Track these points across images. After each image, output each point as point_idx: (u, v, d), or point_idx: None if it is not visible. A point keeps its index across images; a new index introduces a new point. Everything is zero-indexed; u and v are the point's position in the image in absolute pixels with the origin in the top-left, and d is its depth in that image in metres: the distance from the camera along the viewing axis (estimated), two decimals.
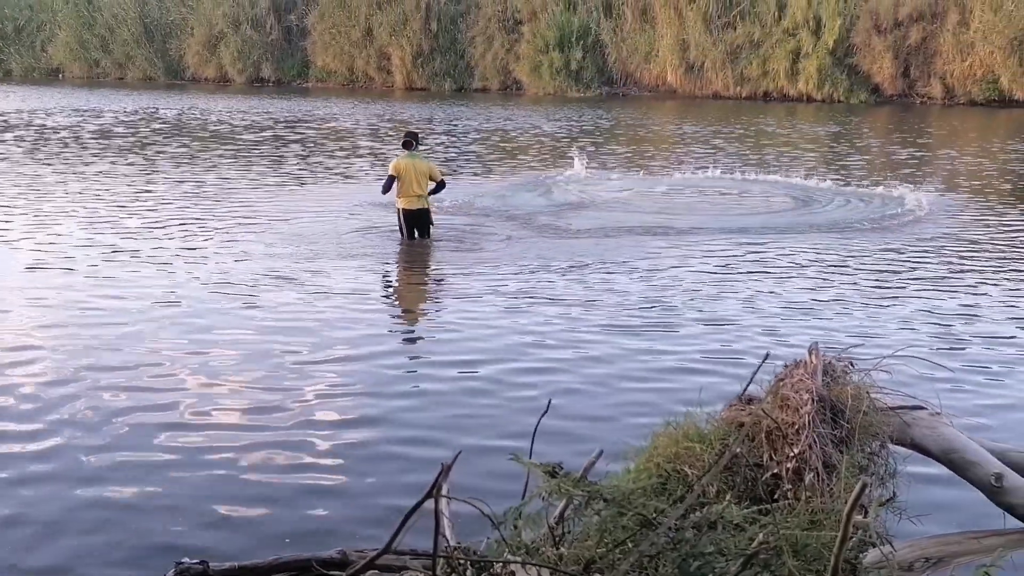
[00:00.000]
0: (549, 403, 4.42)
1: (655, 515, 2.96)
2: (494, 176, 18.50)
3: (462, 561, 2.98)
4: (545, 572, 3.01)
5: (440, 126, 28.82)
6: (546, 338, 7.85)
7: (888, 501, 3.70)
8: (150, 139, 24.80)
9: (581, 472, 3.58)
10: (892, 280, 10.06)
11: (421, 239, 11.84)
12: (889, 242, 12.10)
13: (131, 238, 11.92)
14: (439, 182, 11.92)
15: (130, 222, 13.05)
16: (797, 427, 3.70)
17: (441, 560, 2.97)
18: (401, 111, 35.14)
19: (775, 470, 3.65)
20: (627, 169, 19.65)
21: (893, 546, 3.26)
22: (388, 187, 11.69)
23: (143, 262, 10.60)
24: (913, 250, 11.63)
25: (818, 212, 14.50)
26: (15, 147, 22.53)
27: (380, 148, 22.87)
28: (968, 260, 11.15)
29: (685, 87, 43.03)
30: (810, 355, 4.10)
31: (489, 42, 46.95)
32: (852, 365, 4.19)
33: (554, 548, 3.08)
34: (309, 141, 24.78)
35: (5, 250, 11.35)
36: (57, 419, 6.10)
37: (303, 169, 19.25)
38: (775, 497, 3.57)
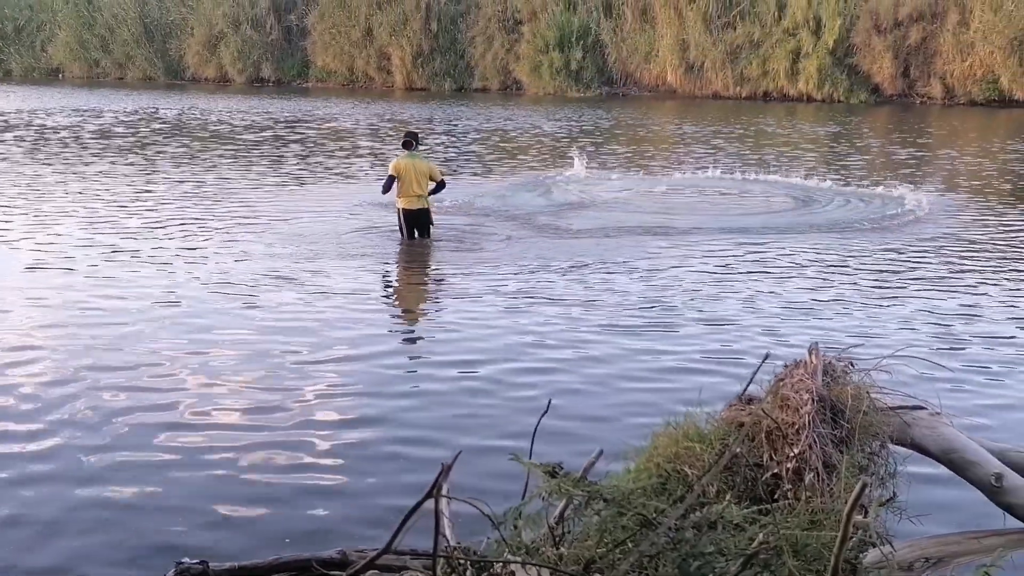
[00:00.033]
0: (549, 403, 4.42)
1: (655, 515, 2.96)
2: (494, 176, 18.50)
3: (462, 561, 2.99)
4: (545, 572, 3.01)
5: (440, 126, 28.82)
6: (546, 338, 7.86)
7: (888, 501, 3.70)
8: (150, 139, 24.80)
9: (581, 472, 3.58)
10: (892, 280, 10.07)
11: (421, 239, 11.85)
12: (889, 242, 12.10)
13: (131, 238, 11.93)
14: (439, 182, 11.93)
15: (130, 222, 13.06)
16: (797, 427, 3.71)
17: (441, 560, 2.97)
18: (401, 111, 35.14)
19: (775, 470, 3.65)
20: (627, 169, 19.65)
21: (893, 546, 3.27)
22: (388, 187, 11.70)
23: (143, 262, 10.60)
24: (913, 250, 11.63)
25: (818, 212, 14.50)
26: (15, 147, 22.53)
27: (380, 148, 22.87)
28: (968, 260, 11.15)
29: (685, 87, 43.04)
30: (810, 355, 4.10)
31: (489, 42, 46.97)
32: (852, 365, 4.19)
33: (554, 548, 3.08)
34: (309, 141, 24.78)
35: (5, 250, 11.36)
36: (57, 419, 6.10)
37: (303, 169, 19.25)
38: (775, 497, 3.57)
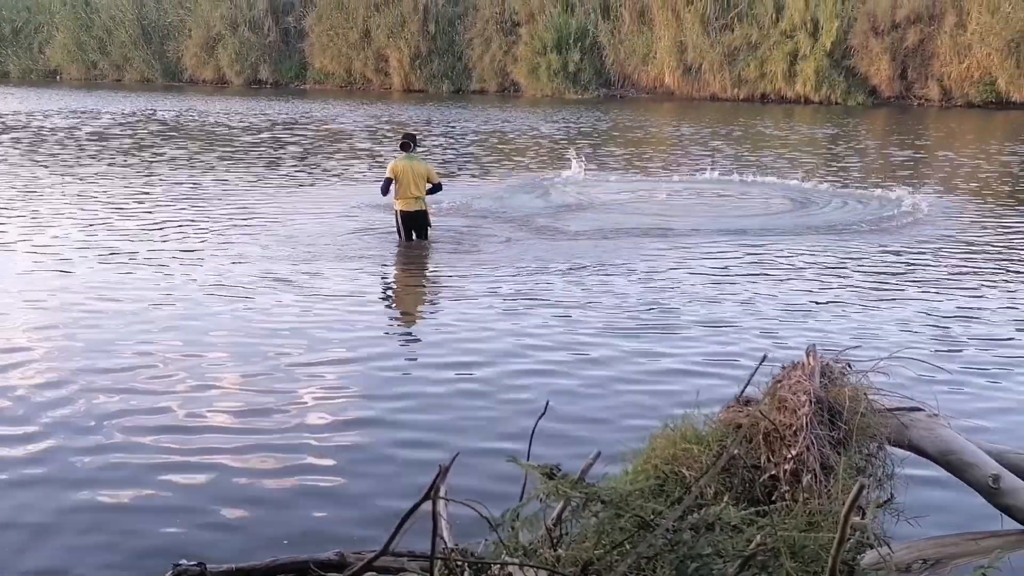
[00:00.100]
0: (547, 405, 4.41)
1: (653, 517, 2.96)
2: (492, 178, 18.50)
3: (460, 563, 2.98)
4: (543, 574, 3.01)
5: (438, 128, 28.82)
6: (544, 340, 7.85)
7: (886, 502, 3.70)
8: (147, 141, 24.79)
9: (579, 474, 3.58)
10: (890, 282, 10.07)
11: (419, 240, 11.85)
12: (887, 244, 12.11)
13: (128, 240, 11.91)
14: (436, 184, 11.94)
15: (127, 224, 13.04)
16: (795, 429, 3.71)
17: (439, 562, 2.97)
18: (399, 113, 35.14)
19: (773, 471, 3.65)
20: (625, 171, 19.66)
21: (891, 547, 3.26)
22: (386, 189, 11.69)
23: (140, 264, 10.58)
24: (911, 252, 11.64)
25: (816, 214, 14.49)
26: (12, 149, 22.51)
27: (378, 150, 22.87)
28: (966, 262, 11.16)
29: (683, 89, 43.06)
30: (808, 357, 4.10)
31: (487, 44, 46.98)
32: (850, 367, 4.19)
33: (552, 550, 3.07)
34: (307, 143, 24.78)
35: (1, 252, 11.34)
36: (52, 421, 6.08)
37: (300, 171, 19.25)
38: (773, 498, 3.57)
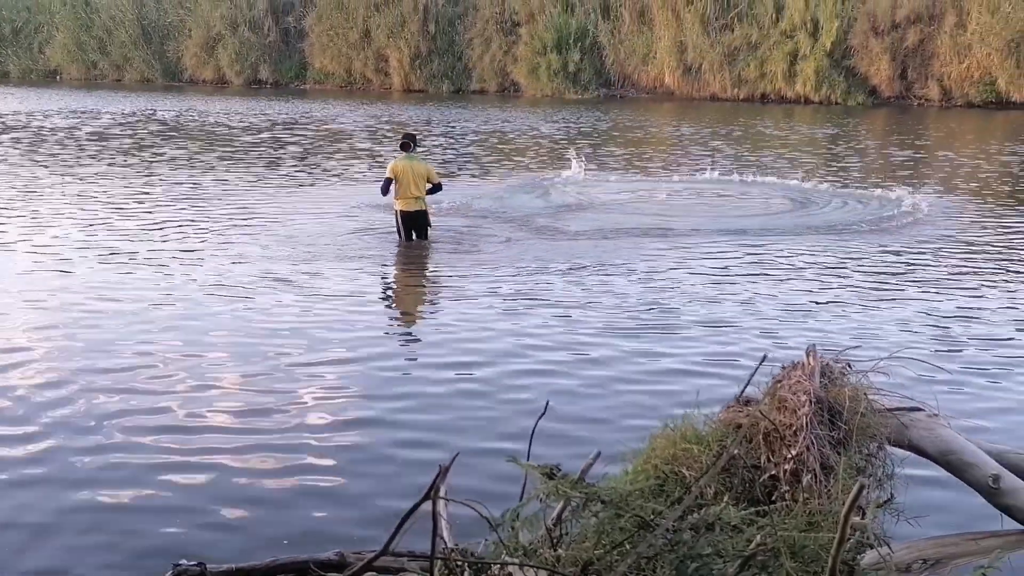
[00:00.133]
0: (547, 405, 4.41)
1: (653, 517, 2.96)
2: (492, 178, 18.50)
3: (460, 563, 2.98)
4: (543, 574, 3.01)
5: (438, 128, 28.82)
6: (544, 340, 7.85)
7: (886, 502, 3.70)
8: (148, 141, 24.79)
9: (579, 474, 3.58)
10: (890, 282, 10.07)
11: (419, 240, 11.85)
12: (887, 244, 12.10)
13: (128, 240, 11.91)
14: (436, 184, 11.94)
15: (127, 224, 13.04)
16: (795, 429, 3.71)
17: (439, 562, 2.97)
18: (399, 113, 35.14)
19: (773, 471, 3.65)
20: (625, 171, 19.66)
21: (891, 547, 3.26)
22: (386, 189, 11.69)
23: (140, 264, 10.58)
24: (911, 252, 11.64)
25: (816, 214, 14.49)
26: (12, 149, 22.51)
27: (378, 150, 22.87)
28: (966, 262, 11.16)
29: (683, 89, 43.05)
30: (808, 357, 4.10)
31: (487, 44, 46.98)
32: (850, 367, 4.19)
33: (552, 550, 3.07)
34: (307, 143, 24.78)
35: (1, 252, 11.34)
36: (52, 421, 6.08)
37: (300, 171, 19.24)
38: (773, 498, 3.57)
